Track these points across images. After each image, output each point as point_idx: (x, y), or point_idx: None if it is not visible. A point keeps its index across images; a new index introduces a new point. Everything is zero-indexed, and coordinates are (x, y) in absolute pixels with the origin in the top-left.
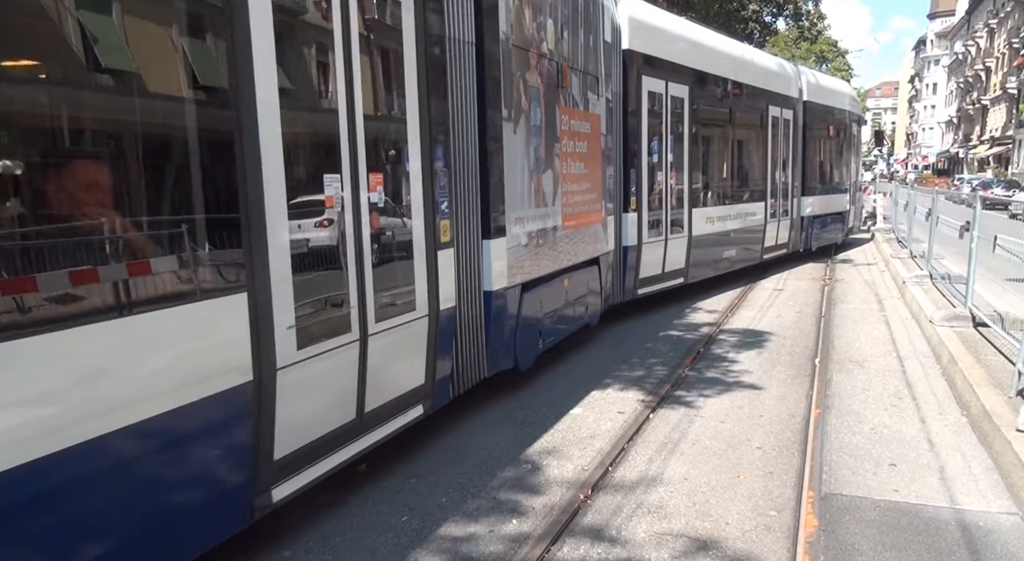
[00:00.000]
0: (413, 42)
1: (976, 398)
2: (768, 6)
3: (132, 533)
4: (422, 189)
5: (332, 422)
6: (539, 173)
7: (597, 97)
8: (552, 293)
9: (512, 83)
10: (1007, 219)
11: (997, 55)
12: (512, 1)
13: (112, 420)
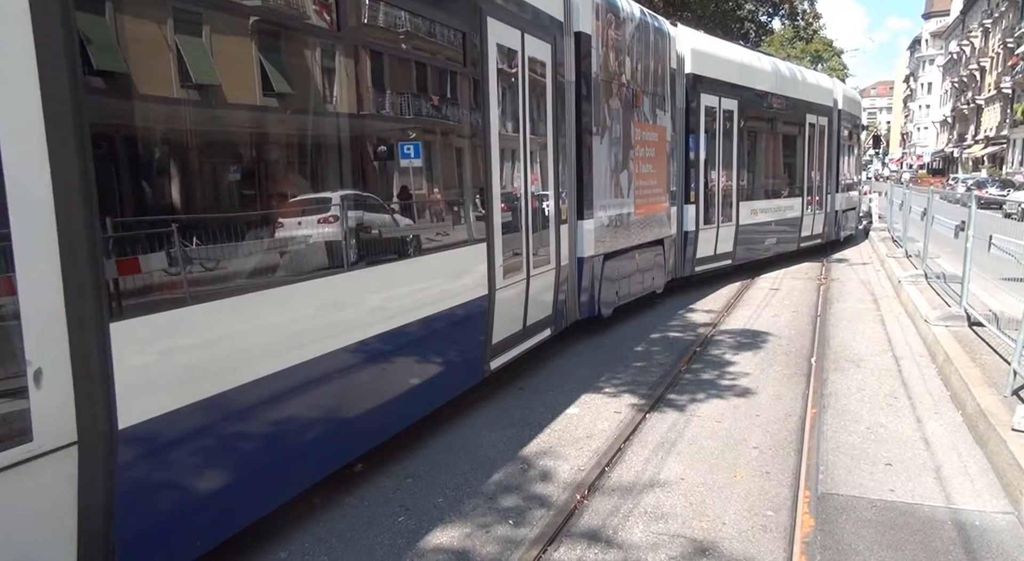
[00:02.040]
0: (551, 88)
1: (971, 397)
2: (764, 6)
3: (430, 377)
4: (553, 184)
5: (513, 328)
6: (617, 172)
7: (664, 112)
8: (626, 263)
9: (599, 107)
10: (1002, 218)
11: (991, 55)
12: (600, 50)
13: (421, 312)
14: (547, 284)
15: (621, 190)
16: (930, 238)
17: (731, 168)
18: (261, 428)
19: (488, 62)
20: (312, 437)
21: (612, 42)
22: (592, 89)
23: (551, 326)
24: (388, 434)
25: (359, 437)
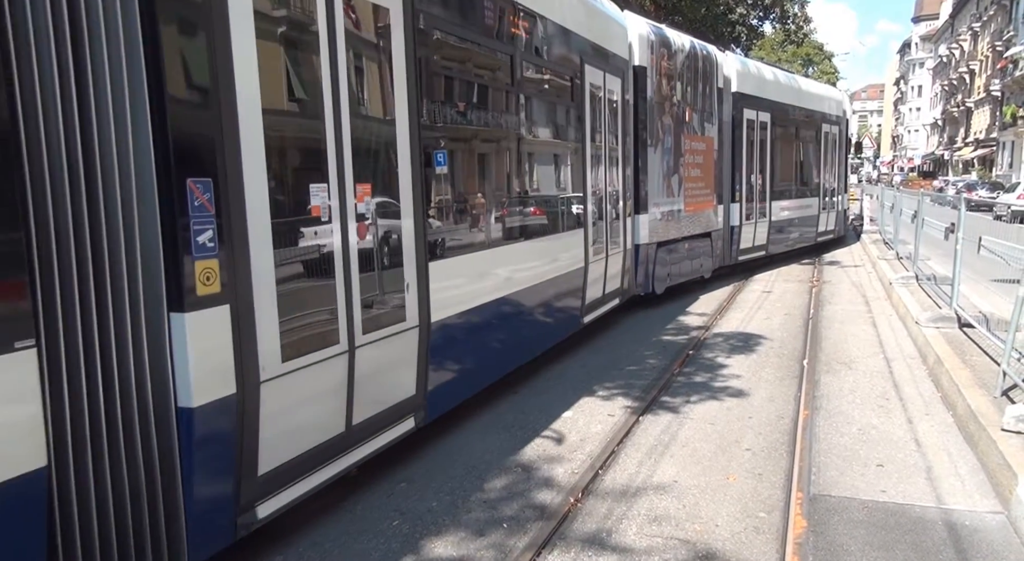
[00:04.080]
0: (620, 112)
1: (962, 398)
2: (755, 10)
3: (555, 318)
4: (622, 186)
5: (596, 295)
6: (669, 176)
7: (712, 124)
8: (676, 251)
9: (653, 124)
10: (991, 221)
11: (980, 58)
12: (654, 78)
13: (554, 272)
14: (618, 263)
15: (672, 190)
16: (921, 240)
17: (765, 172)
18: (486, 330)
19: (585, 96)
20: (510, 339)
21: (664, 70)
22: (648, 109)
23: (619, 296)
24: (536, 353)
25: (525, 349)
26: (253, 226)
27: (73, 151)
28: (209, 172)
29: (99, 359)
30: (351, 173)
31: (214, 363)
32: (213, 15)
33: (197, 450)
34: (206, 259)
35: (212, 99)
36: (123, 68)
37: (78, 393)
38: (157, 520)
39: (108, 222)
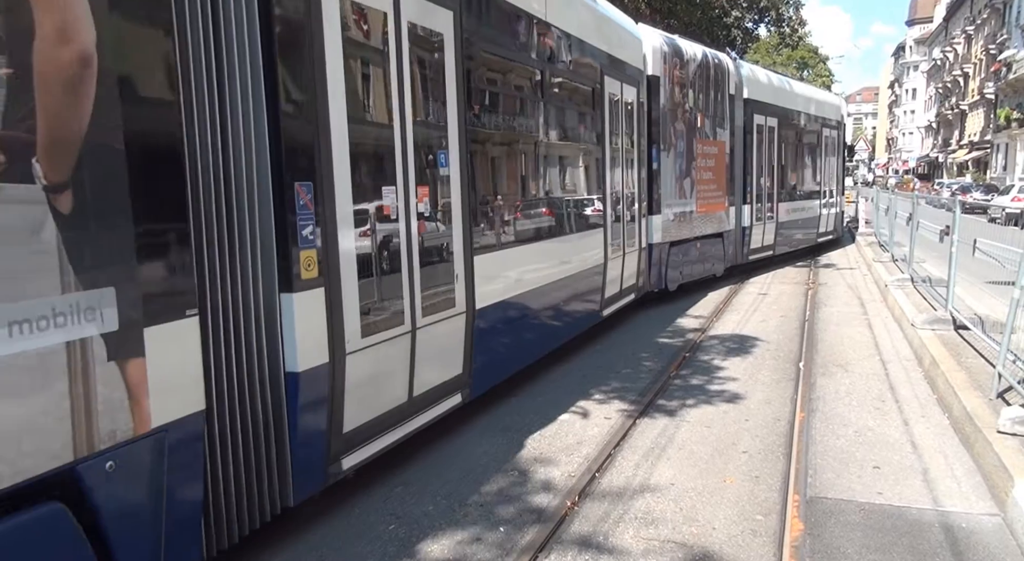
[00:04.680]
0: (635, 119)
1: (957, 400)
2: (750, 13)
3: (578, 310)
4: (637, 187)
5: (614, 290)
6: (681, 179)
7: (723, 129)
8: (688, 250)
9: (666, 129)
10: (986, 223)
11: (974, 61)
12: (667, 86)
13: (577, 268)
14: (634, 261)
15: (684, 193)
16: (916, 243)
17: (773, 175)
18: (520, 318)
19: (604, 105)
20: (540, 327)
21: (677, 79)
22: (661, 116)
23: (635, 292)
24: (560, 342)
25: (552, 337)
26: (341, 222)
27: (216, 162)
28: (310, 176)
29: (233, 328)
30: (413, 176)
31: (313, 336)
32: (314, 50)
33: (300, 408)
34: (308, 249)
35: (312, 116)
36: (249, 94)
37: (224, 355)
38: (272, 464)
39: (239, 218)
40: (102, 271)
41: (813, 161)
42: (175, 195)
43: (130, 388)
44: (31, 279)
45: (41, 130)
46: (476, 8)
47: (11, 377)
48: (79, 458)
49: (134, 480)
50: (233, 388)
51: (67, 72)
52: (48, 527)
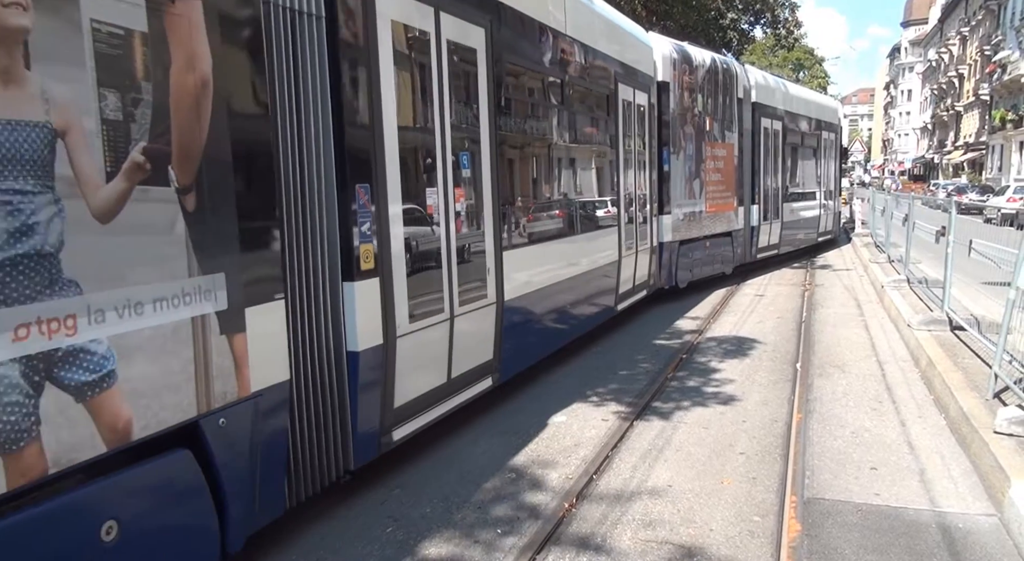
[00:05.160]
0: (647, 123)
1: (954, 401)
2: (746, 15)
3: (594, 305)
4: (649, 188)
5: (627, 286)
6: (690, 180)
7: (732, 132)
8: (698, 249)
9: (675, 132)
10: (982, 224)
11: (969, 62)
12: (676, 91)
13: (593, 264)
14: (645, 259)
15: (694, 193)
16: (912, 243)
17: (778, 175)
18: (543, 310)
19: (618, 110)
20: (561, 319)
21: (686, 84)
22: (671, 120)
23: (646, 288)
24: (578, 334)
25: (570, 329)
26: (392, 220)
27: (296, 167)
28: (368, 179)
29: (308, 311)
30: (451, 179)
31: (369, 320)
32: (371, 69)
33: (359, 383)
34: (366, 243)
35: (369, 125)
36: (319, 108)
37: (302, 334)
38: (337, 431)
39: (312, 215)
40: (216, 259)
41: (814, 163)
42: (268, 196)
43: (236, 358)
44: (169, 264)
45: (174, 142)
46: (505, 25)
47: (155, 344)
48: (201, 414)
49: (238, 436)
50: (309, 363)
51: (192, 95)
52: (180, 469)
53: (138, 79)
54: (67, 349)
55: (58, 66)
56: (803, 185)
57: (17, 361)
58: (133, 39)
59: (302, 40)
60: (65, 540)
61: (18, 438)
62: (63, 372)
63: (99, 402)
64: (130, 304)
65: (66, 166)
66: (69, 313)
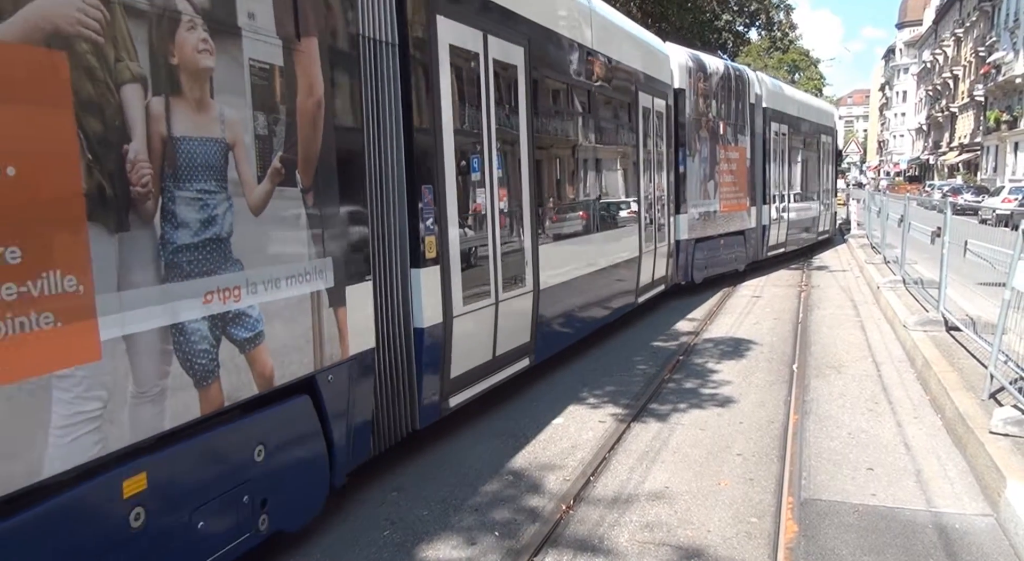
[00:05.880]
0: (665, 127)
1: (950, 401)
2: (741, 17)
3: (616, 298)
4: (666, 189)
5: (647, 280)
6: (705, 182)
7: (744, 136)
8: (712, 246)
9: (691, 136)
10: (977, 224)
11: (964, 63)
12: (692, 98)
13: (615, 259)
14: (664, 255)
15: (708, 194)
16: (907, 244)
17: (785, 177)
18: (572, 299)
19: (638, 117)
20: (587, 309)
21: (701, 91)
22: (687, 124)
23: (664, 283)
24: (603, 323)
25: (596, 318)
26: (450, 216)
27: (379, 171)
28: (431, 180)
29: (387, 291)
30: (496, 180)
31: (432, 301)
32: (433, 86)
33: (424, 354)
34: (430, 236)
35: (431, 133)
36: (393, 119)
37: (383, 309)
38: (407, 395)
39: (389, 211)
40: (326, 245)
41: (815, 165)
42: (361, 194)
43: (339, 326)
44: (296, 248)
45: (299, 152)
46: (540, 42)
47: (287, 312)
48: (316, 370)
49: (340, 390)
50: (388, 334)
51: (311, 114)
52: (302, 411)
53: (277, 103)
54: (234, 312)
55: (229, 95)
56: (806, 186)
57: (205, 319)
58: (274, 72)
59: (382, 65)
60: (232, 455)
61: (207, 376)
62: (232, 329)
63: (254, 355)
64: (272, 279)
65: (233, 171)
66: (236, 284)
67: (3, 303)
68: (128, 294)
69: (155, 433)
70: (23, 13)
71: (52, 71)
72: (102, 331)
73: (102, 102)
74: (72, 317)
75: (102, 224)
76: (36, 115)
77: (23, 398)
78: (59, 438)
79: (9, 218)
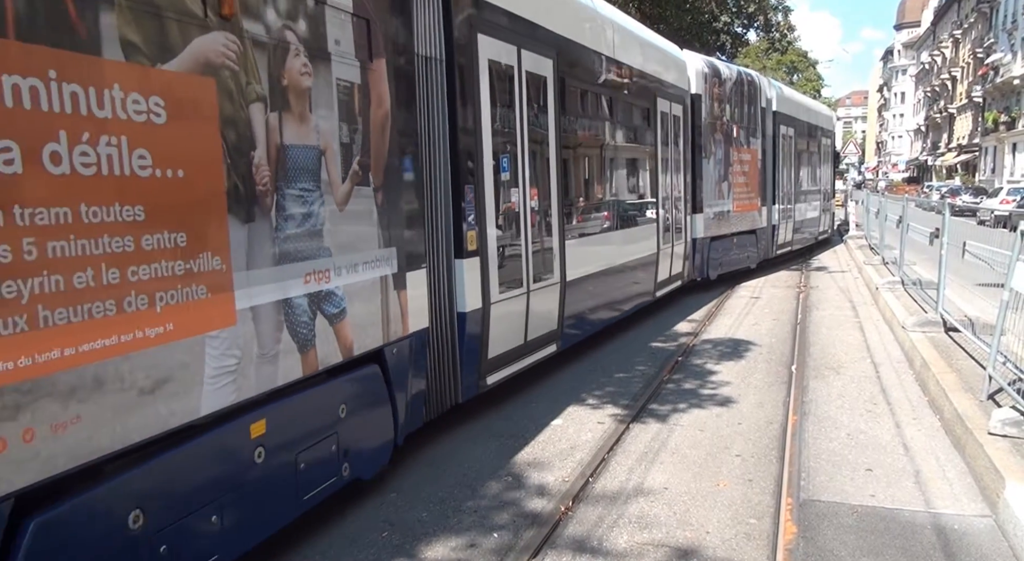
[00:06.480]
0: (682, 131)
1: (948, 402)
2: (739, 18)
3: (636, 291)
4: (683, 190)
5: (664, 276)
6: (720, 182)
7: (756, 138)
8: (726, 245)
9: (707, 140)
10: (975, 225)
11: (962, 65)
12: (707, 103)
13: (635, 256)
14: (680, 252)
15: (723, 194)
16: (906, 245)
17: (792, 178)
18: (595, 291)
19: (657, 121)
20: (609, 301)
21: (716, 96)
22: (702, 128)
23: (680, 280)
24: (623, 315)
25: (617, 310)
26: (488, 213)
27: (430, 171)
28: (471, 181)
29: (437, 279)
30: (528, 180)
31: (473, 289)
32: (474, 95)
33: (466, 336)
34: (471, 230)
35: (473, 138)
36: (439, 125)
37: (434, 294)
38: (451, 371)
39: (438, 207)
40: (392, 236)
41: (818, 166)
42: (418, 191)
43: (401, 307)
44: (370, 239)
45: (371, 156)
46: (567, 54)
47: (363, 293)
48: (384, 343)
49: (401, 362)
50: (438, 316)
51: (380, 124)
52: (374, 378)
53: (355, 114)
54: (326, 291)
55: (322, 109)
56: (810, 187)
57: (305, 296)
58: (353, 89)
59: (432, 79)
60: (324, 411)
61: (307, 344)
62: (323, 305)
63: (339, 328)
64: (352, 264)
65: (325, 173)
66: (327, 268)
67: (176, 277)
68: (253, 273)
69: (271, 387)
70: (189, 49)
71: (205, 94)
72: (237, 302)
73: (237, 118)
74: (218, 289)
75: (236, 215)
76: (196, 129)
77: (189, 352)
78: (210, 386)
79: (180, 210)
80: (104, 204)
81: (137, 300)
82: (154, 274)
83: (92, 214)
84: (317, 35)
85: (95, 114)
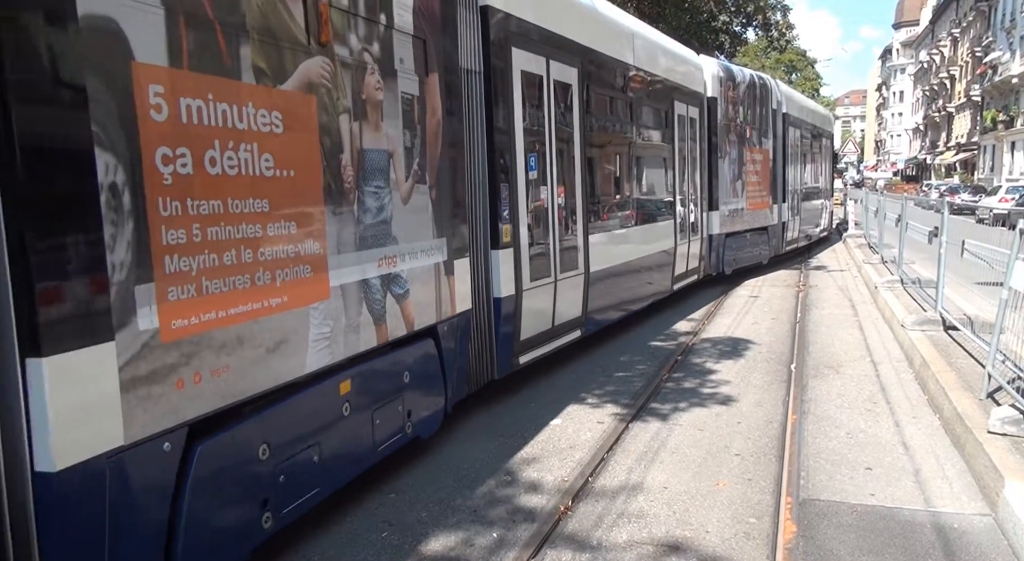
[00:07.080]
0: (698, 133)
1: (948, 401)
2: (738, 17)
3: (654, 285)
4: (699, 189)
5: (681, 270)
6: (734, 181)
7: (767, 139)
8: (741, 241)
9: (722, 140)
10: (974, 224)
11: (961, 63)
12: (722, 105)
13: (653, 249)
14: (697, 248)
15: (737, 192)
16: (905, 244)
17: (798, 177)
18: (616, 282)
19: (675, 123)
20: (629, 292)
21: (731, 99)
22: (718, 129)
23: (696, 274)
24: (642, 306)
25: (636, 301)
26: (520, 208)
27: (471, 170)
28: (507, 179)
29: (476, 267)
30: (556, 179)
31: (506, 277)
32: (509, 103)
33: (501, 319)
34: (506, 224)
35: (508, 140)
36: (479, 128)
37: (476, 281)
38: (488, 349)
39: (476, 203)
40: (443, 228)
41: (817, 166)
42: (462, 189)
43: (450, 290)
44: (426, 230)
45: (427, 158)
46: (590, 63)
47: (422, 276)
48: (437, 321)
49: (450, 338)
50: (478, 300)
51: (434, 130)
52: (429, 350)
53: (415, 122)
54: (393, 274)
55: (390, 118)
56: (813, 186)
57: (378, 277)
58: (413, 100)
59: (473, 89)
60: (392, 375)
61: (380, 318)
62: (392, 287)
63: (404, 306)
64: (413, 251)
65: (392, 173)
66: (394, 254)
67: (289, 258)
68: (341, 256)
69: (354, 353)
70: (298, 72)
71: (309, 108)
72: (331, 280)
73: (330, 127)
74: (318, 269)
75: (330, 208)
76: (303, 137)
77: (299, 320)
78: (312, 348)
79: (292, 203)
80: (242, 198)
81: (264, 276)
82: (275, 255)
83: (235, 206)
84: (387, 55)
85: (237, 127)
